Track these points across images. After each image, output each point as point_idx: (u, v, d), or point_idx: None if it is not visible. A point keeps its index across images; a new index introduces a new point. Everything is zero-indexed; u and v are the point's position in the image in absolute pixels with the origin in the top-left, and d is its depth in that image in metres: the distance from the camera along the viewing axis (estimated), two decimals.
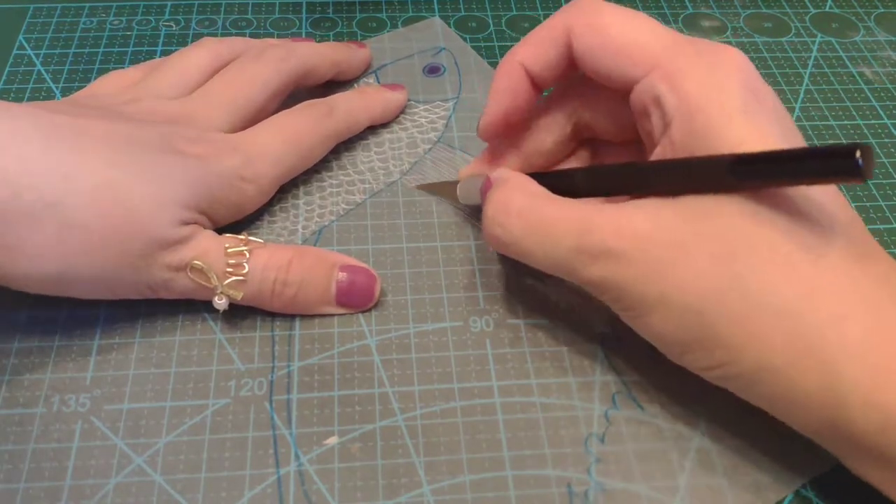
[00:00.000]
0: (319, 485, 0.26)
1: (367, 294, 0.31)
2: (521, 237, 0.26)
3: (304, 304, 0.30)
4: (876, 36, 0.45)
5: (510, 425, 0.28)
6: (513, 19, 0.45)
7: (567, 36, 0.27)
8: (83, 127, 0.28)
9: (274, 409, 0.28)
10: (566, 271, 0.26)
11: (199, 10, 0.44)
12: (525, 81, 0.29)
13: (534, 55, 0.28)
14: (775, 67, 0.43)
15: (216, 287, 0.28)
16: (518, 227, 0.26)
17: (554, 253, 0.26)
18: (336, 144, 0.36)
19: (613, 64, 0.26)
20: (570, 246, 0.25)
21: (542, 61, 0.28)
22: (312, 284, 0.30)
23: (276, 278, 0.29)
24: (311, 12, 0.45)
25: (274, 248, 0.30)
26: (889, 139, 0.39)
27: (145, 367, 0.29)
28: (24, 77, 0.40)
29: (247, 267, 0.29)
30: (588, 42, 0.27)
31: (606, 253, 0.24)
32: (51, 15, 0.44)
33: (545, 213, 0.26)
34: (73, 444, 0.27)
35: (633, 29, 0.26)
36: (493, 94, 0.29)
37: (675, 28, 0.45)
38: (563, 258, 0.25)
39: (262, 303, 0.30)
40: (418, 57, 0.41)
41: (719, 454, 0.27)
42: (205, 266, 0.28)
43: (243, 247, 0.29)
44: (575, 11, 0.27)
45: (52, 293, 0.27)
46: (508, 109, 0.29)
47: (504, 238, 0.27)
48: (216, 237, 0.29)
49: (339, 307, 0.30)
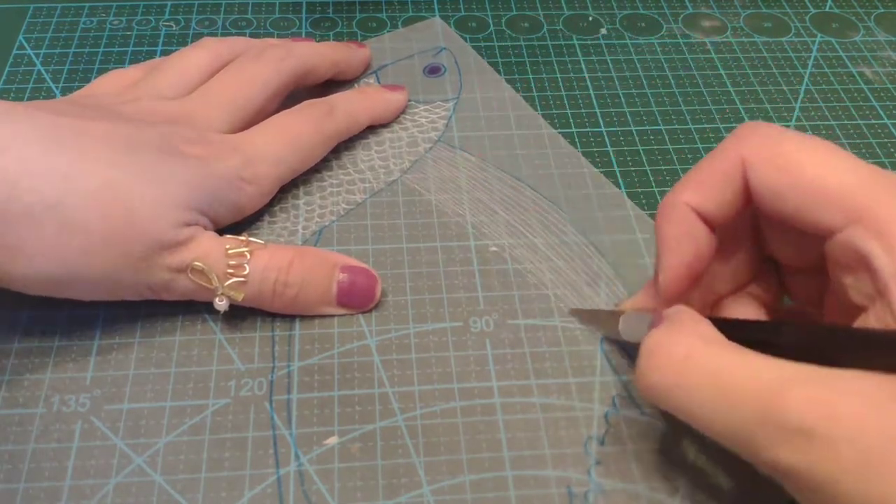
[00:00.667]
0: (319, 485, 0.26)
1: (368, 295, 0.31)
2: (687, 391, 0.21)
3: (305, 305, 0.30)
4: (876, 36, 0.45)
5: (510, 426, 0.28)
6: (513, 19, 0.45)
7: (743, 171, 0.23)
8: (83, 128, 0.28)
9: (274, 409, 0.28)
10: (744, 446, 0.21)
11: (199, 9, 0.44)
12: (699, 225, 0.24)
13: (705, 196, 0.24)
14: (775, 67, 0.43)
15: (217, 288, 0.28)
16: (683, 377, 0.22)
17: (729, 418, 0.21)
18: (336, 144, 0.36)
19: (805, 208, 0.22)
20: (753, 414, 0.20)
21: (714, 202, 0.24)
22: (313, 285, 0.30)
23: (276, 279, 0.29)
24: (311, 12, 0.45)
25: (274, 248, 0.30)
26: (889, 139, 0.39)
27: (145, 368, 0.29)
28: (24, 77, 0.40)
29: (247, 268, 0.29)
30: (772, 181, 0.23)
31: (806, 433, 0.19)
32: (51, 15, 0.44)
33: (722, 365, 0.21)
34: (72, 444, 0.27)
35: (829, 167, 0.22)
36: (665, 244, 0.25)
37: (675, 28, 0.45)
38: (742, 429, 0.20)
39: (262, 303, 0.30)
40: (419, 57, 0.41)
41: (720, 455, 0.27)
42: (205, 267, 0.28)
43: (244, 248, 0.29)
44: (751, 141, 0.23)
45: (51, 294, 0.27)
46: (692, 261, 0.25)
47: (660, 388, 0.22)
48: (217, 238, 0.29)
49: (339, 308, 0.30)
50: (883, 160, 0.38)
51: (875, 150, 0.39)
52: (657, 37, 0.44)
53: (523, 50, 0.43)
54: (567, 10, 0.46)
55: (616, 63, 0.43)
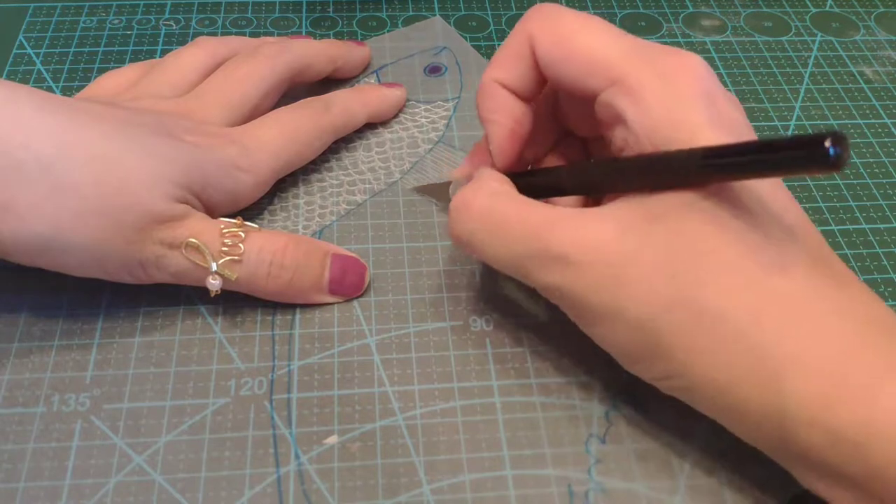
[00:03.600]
0: (319, 484, 0.26)
1: (359, 282, 0.31)
2: (480, 235, 0.26)
3: (298, 290, 0.30)
4: (876, 35, 0.45)
5: (510, 425, 0.28)
6: (513, 18, 0.45)
7: (531, 46, 0.27)
8: (78, 106, 0.28)
9: (274, 408, 0.28)
10: (521, 274, 0.26)
11: (199, 9, 0.44)
12: (510, 97, 0.28)
13: (506, 72, 0.28)
14: (775, 67, 0.43)
15: (211, 266, 0.28)
16: (477, 224, 0.26)
17: (509, 254, 0.25)
18: (335, 141, 0.36)
19: (577, 76, 0.26)
20: (525, 249, 0.25)
21: (513, 76, 0.27)
22: (307, 271, 0.30)
23: (272, 261, 0.29)
24: (311, 11, 0.44)
25: (269, 232, 0.30)
26: (889, 138, 0.39)
27: (145, 367, 0.29)
28: (24, 76, 0.40)
29: (242, 247, 0.28)
30: (551, 53, 0.26)
31: (562, 259, 0.24)
32: (51, 14, 0.44)
33: (506, 212, 0.26)
34: (72, 443, 0.27)
35: (597, 39, 0.26)
36: (486, 117, 0.28)
37: (676, 28, 0.45)
38: (518, 260, 0.25)
39: (255, 286, 0.29)
40: (419, 57, 0.41)
41: (720, 455, 0.27)
42: (200, 244, 0.28)
43: (239, 229, 0.29)
44: (536, 19, 0.27)
45: (39, 263, 0.27)
46: (513, 127, 0.28)
47: (463, 236, 0.27)
48: (211, 219, 0.29)
49: (330, 296, 0.31)
50: (883, 159, 0.38)
51: (875, 149, 0.39)
52: (657, 36, 0.44)
53: None
54: None
55: None
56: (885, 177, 0.37)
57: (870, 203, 0.36)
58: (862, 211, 0.36)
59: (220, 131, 0.31)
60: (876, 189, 0.37)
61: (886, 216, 0.35)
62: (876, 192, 0.37)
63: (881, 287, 0.33)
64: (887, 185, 0.37)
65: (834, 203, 0.36)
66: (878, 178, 0.37)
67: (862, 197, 0.36)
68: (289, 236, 0.30)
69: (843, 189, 0.37)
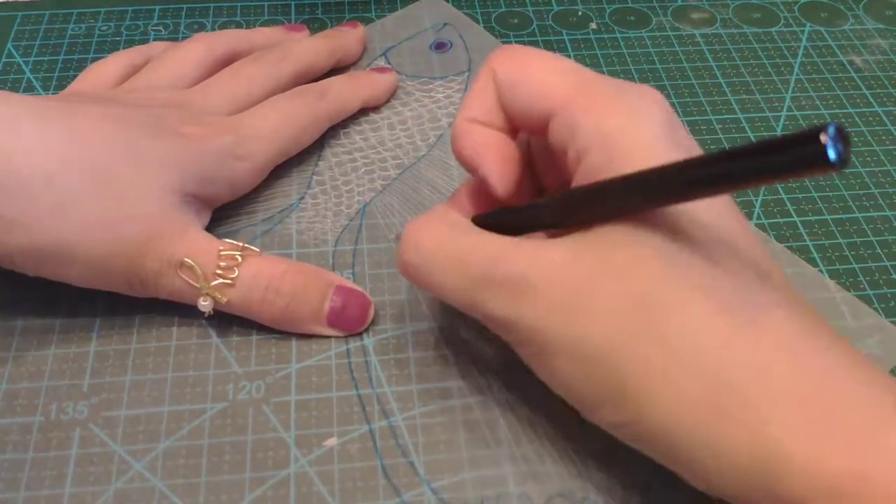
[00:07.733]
0: (320, 486, 0.26)
1: (360, 317, 0.30)
2: (431, 264, 0.25)
3: (294, 319, 0.29)
4: (865, 24, 0.45)
5: (510, 423, 0.28)
6: (502, 15, 0.45)
7: (494, 81, 0.26)
8: (75, 109, 0.28)
9: (272, 411, 0.28)
10: (468, 307, 0.24)
11: (188, 13, 0.44)
12: (488, 130, 0.27)
13: (477, 110, 0.26)
14: (765, 58, 0.43)
15: (202, 287, 0.28)
16: (429, 253, 0.25)
17: (461, 283, 0.24)
18: (360, 123, 0.37)
19: (531, 100, 0.25)
20: (480, 273, 0.23)
21: (486, 110, 0.26)
22: (305, 300, 0.29)
23: (268, 286, 0.28)
24: (299, 13, 0.44)
25: (270, 257, 0.30)
26: (880, 127, 0.39)
27: (142, 373, 0.29)
28: (13, 85, 0.40)
29: (237, 272, 0.28)
30: (507, 79, 0.26)
31: (519, 282, 0.22)
32: (39, 22, 0.43)
33: (462, 240, 0.24)
34: (71, 451, 0.27)
35: (549, 64, 0.25)
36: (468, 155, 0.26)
37: (665, 21, 0.45)
38: (471, 290, 0.23)
39: (249, 311, 0.29)
40: (423, 35, 0.42)
41: None
42: (194, 264, 0.28)
43: (237, 252, 0.29)
44: (498, 56, 0.27)
45: (44, 274, 0.28)
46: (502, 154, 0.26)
47: (413, 263, 0.25)
48: (212, 238, 0.29)
49: (329, 328, 0.30)
50: (875, 148, 0.38)
51: (867, 138, 0.39)
52: (647, 30, 0.44)
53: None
54: (556, 5, 0.46)
55: (606, 57, 0.43)
56: (877, 165, 0.37)
57: (863, 192, 0.36)
58: (855, 200, 0.36)
59: (216, 120, 0.31)
60: (869, 178, 0.37)
61: (880, 205, 0.36)
62: (869, 181, 0.37)
63: (875, 275, 0.33)
64: (880, 173, 0.37)
65: (826, 193, 0.36)
66: (870, 167, 0.37)
67: (855, 186, 0.36)
68: (290, 263, 0.30)
69: (834, 178, 0.37)
